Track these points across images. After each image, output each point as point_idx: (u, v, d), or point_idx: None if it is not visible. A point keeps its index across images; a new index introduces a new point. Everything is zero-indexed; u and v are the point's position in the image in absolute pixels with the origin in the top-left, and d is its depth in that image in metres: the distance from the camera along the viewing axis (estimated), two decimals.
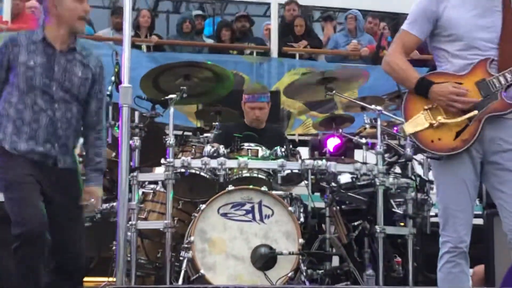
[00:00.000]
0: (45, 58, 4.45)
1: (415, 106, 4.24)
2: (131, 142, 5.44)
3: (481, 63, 4.17)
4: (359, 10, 11.41)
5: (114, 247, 5.86)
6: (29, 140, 4.40)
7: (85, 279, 6.07)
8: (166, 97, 5.79)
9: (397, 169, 6.12)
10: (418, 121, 4.19)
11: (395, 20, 11.10)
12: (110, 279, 6.01)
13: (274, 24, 10.80)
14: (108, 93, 5.97)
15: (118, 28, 10.44)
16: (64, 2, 4.50)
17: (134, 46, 9.29)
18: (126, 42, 4.46)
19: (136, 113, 6.89)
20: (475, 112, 4.10)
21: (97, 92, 4.66)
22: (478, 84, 4.15)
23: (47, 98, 4.43)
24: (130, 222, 5.48)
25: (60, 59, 4.49)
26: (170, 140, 5.62)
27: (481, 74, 4.17)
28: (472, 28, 4.19)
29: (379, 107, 5.96)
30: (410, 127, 4.20)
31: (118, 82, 5.91)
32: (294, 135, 9.62)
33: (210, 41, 11.05)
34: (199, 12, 11.57)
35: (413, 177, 6.01)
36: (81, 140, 5.36)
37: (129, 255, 5.49)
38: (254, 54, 10.74)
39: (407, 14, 4.39)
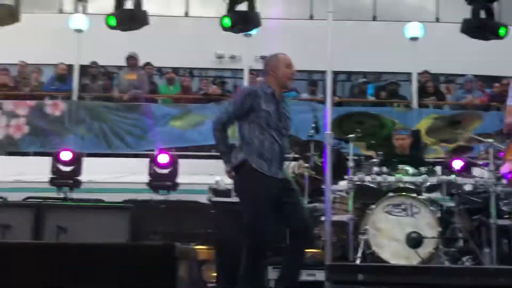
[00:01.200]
0: (275, 107, 4.29)
1: (509, 152, 4.19)
2: None
3: None
4: (472, 74, 11.12)
5: (315, 231, 6.02)
6: (267, 161, 4.22)
7: None
8: (347, 136, 5.88)
9: (504, 181, 5.92)
10: (507, 166, 4.18)
11: (497, 80, 10.74)
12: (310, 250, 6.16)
13: (414, 86, 10.71)
14: (311, 135, 6.22)
15: (312, 92, 10.69)
16: (280, 68, 4.33)
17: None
18: (329, 103, 4.50)
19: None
20: None
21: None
22: None
23: (277, 133, 4.28)
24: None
25: (280, 107, 4.32)
26: (350, 163, 5.71)
27: None
28: None
29: (490, 140, 5.81)
30: (501, 168, 4.29)
31: (316, 127, 6.12)
32: (430, 159, 9.44)
33: (372, 99, 11.07)
34: (365, 79, 11.62)
35: None
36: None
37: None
38: (401, 106, 10.69)
39: (506, 76, 4.29)
